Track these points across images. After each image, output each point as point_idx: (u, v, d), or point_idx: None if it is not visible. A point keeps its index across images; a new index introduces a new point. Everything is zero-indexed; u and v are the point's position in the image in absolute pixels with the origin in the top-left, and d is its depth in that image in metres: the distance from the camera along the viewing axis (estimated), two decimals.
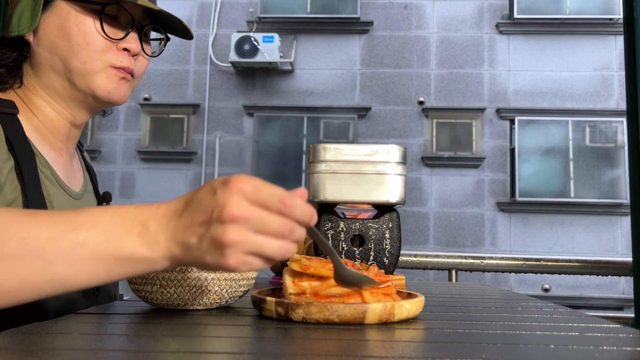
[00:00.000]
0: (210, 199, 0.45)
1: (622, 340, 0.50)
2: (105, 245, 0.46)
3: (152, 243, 0.46)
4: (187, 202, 0.46)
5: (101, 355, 0.42)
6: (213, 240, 0.44)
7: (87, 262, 0.47)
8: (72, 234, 0.46)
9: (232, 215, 0.43)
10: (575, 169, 6.72)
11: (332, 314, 0.54)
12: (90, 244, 0.46)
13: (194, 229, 0.45)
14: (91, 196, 0.86)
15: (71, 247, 0.46)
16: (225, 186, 0.44)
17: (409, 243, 6.56)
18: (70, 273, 0.47)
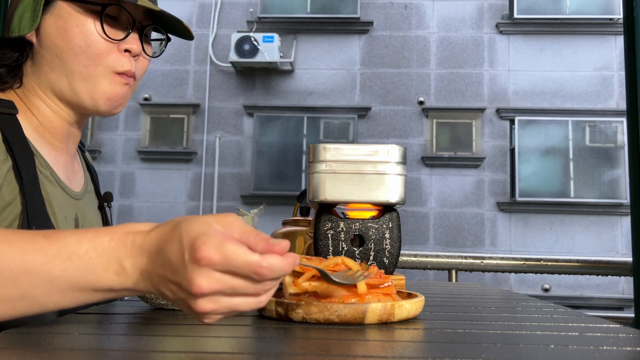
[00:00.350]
0: (179, 265, 0.43)
1: (622, 340, 0.50)
2: (82, 280, 0.46)
3: (129, 280, 0.46)
4: (160, 250, 0.45)
5: (101, 355, 0.42)
6: (187, 305, 0.44)
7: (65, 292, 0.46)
8: (47, 267, 0.46)
9: (201, 291, 0.42)
10: (575, 169, 6.73)
11: (332, 314, 0.54)
12: (67, 277, 0.46)
13: (168, 285, 0.44)
14: (92, 196, 0.86)
15: (48, 279, 0.46)
16: (194, 258, 0.42)
17: (409, 243, 6.56)
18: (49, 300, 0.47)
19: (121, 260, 0.46)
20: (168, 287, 0.44)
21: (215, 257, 0.41)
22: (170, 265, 0.43)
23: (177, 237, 0.43)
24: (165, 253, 0.44)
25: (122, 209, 6.89)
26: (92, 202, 0.86)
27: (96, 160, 6.98)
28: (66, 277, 0.46)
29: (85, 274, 0.46)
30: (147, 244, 0.45)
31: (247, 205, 6.79)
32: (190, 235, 0.43)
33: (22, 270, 0.45)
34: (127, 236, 0.46)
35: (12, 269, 0.45)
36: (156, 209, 6.94)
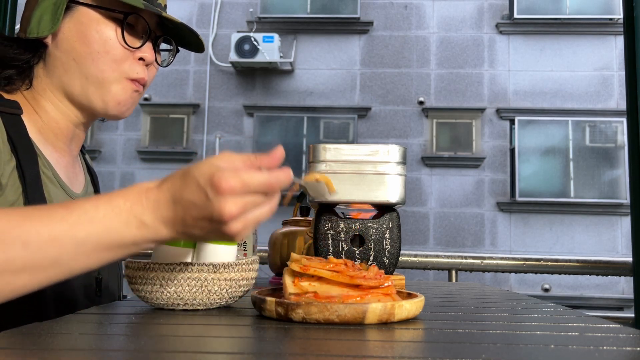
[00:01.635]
0: (204, 202, 0.49)
1: (622, 340, 0.50)
2: (106, 239, 0.50)
3: (151, 232, 0.51)
4: (176, 200, 0.50)
5: (101, 355, 0.42)
6: (220, 232, 0.51)
7: (91, 253, 0.50)
8: (72, 233, 0.49)
9: (232, 215, 0.49)
10: (575, 169, 6.72)
11: (332, 314, 0.54)
12: (91, 239, 0.50)
13: (196, 223, 0.50)
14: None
15: (74, 244, 0.49)
16: (217, 191, 0.48)
17: (409, 243, 6.56)
18: (76, 264, 0.51)
19: (140, 216, 0.50)
20: (197, 226, 0.50)
21: (236, 184, 0.48)
22: (195, 206, 0.49)
23: (193, 182, 0.49)
24: (186, 198, 0.49)
25: None
26: None
27: (96, 160, 6.98)
28: (91, 239, 0.49)
29: (108, 233, 0.50)
30: (163, 197, 0.50)
31: None
32: (205, 176, 0.49)
33: (49, 239, 0.49)
34: (140, 195, 0.51)
35: (39, 239, 0.48)
36: None
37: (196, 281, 0.63)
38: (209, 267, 0.63)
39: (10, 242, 0.48)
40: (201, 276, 0.63)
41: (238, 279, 0.66)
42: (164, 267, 0.63)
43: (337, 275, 0.59)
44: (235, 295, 0.67)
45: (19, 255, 0.48)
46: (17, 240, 0.48)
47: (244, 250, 1.04)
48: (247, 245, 1.05)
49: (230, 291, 0.65)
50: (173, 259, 0.65)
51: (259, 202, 0.51)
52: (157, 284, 0.63)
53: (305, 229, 1.12)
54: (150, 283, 0.63)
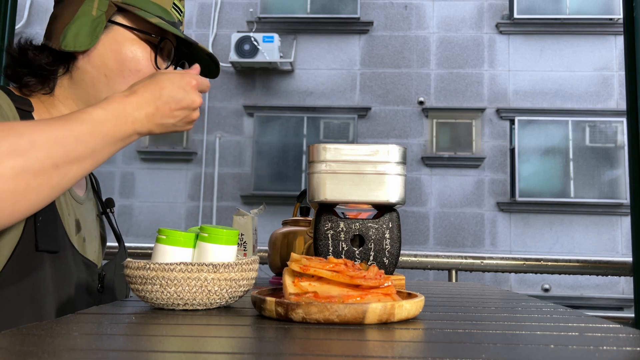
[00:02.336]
0: (183, 95, 0.69)
1: (622, 340, 0.50)
2: (122, 132, 0.65)
3: (139, 126, 0.66)
4: (159, 96, 0.67)
5: (101, 355, 0.42)
6: (188, 119, 0.71)
7: (111, 146, 0.64)
8: (102, 127, 0.62)
9: (198, 103, 0.70)
10: (575, 169, 6.73)
11: (332, 314, 0.54)
12: (114, 132, 0.63)
13: (173, 113, 0.68)
14: (91, 205, 0.87)
15: (103, 135, 0.62)
16: (189, 84, 0.69)
17: (409, 243, 6.56)
18: (102, 154, 0.63)
19: (132, 114, 0.65)
20: (172, 115, 0.68)
21: (197, 81, 0.71)
22: (174, 99, 0.68)
23: (169, 83, 0.68)
24: (166, 95, 0.68)
25: (122, 209, 6.89)
26: (90, 209, 0.87)
27: None
28: (114, 133, 0.64)
29: (118, 129, 0.64)
30: (143, 99, 0.66)
31: (247, 205, 6.78)
32: (177, 78, 0.69)
33: (89, 132, 0.61)
34: (132, 104, 0.66)
35: (83, 134, 0.60)
36: (156, 208, 6.94)
37: (196, 281, 0.63)
38: (209, 267, 0.63)
39: (65, 139, 0.58)
40: (201, 276, 0.63)
41: (238, 279, 0.66)
42: (164, 267, 0.63)
43: (337, 275, 0.59)
44: (235, 295, 0.67)
45: (72, 148, 0.59)
46: (71, 136, 0.59)
47: (244, 250, 1.04)
48: (247, 245, 1.05)
49: (230, 291, 0.65)
50: (173, 259, 0.65)
51: None
52: (157, 284, 0.63)
53: (305, 229, 1.12)
54: (150, 283, 0.63)
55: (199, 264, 0.63)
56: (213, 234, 0.66)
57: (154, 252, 0.67)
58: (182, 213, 6.93)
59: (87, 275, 0.79)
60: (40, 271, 0.70)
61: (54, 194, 0.59)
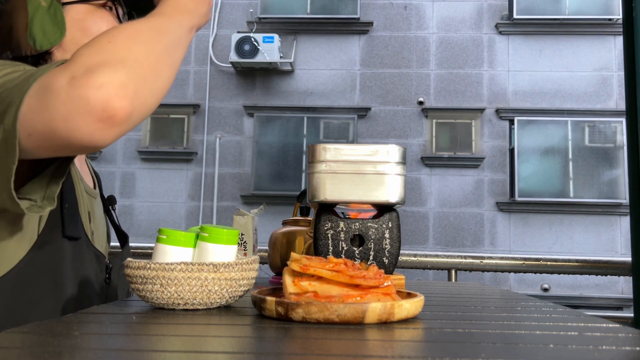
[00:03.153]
0: None
1: (622, 339, 0.50)
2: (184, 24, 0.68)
3: (194, 20, 0.71)
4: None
5: (102, 355, 0.42)
6: (210, 4, 0.74)
7: (188, 35, 0.69)
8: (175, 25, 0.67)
9: None
10: (574, 169, 6.73)
11: (332, 313, 0.55)
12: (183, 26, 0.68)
13: (203, 1, 0.72)
14: (99, 200, 0.88)
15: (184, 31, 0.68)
16: None
17: (409, 243, 6.56)
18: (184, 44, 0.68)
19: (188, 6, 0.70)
20: (205, 2, 0.72)
21: None
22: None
23: None
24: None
25: (123, 209, 6.89)
26: (99, 204, 0.88)
27: (97, 160, 6.98)
28: (184, 22, 0.68)
29: (187, 18, 0.69)
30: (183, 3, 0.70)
31: (247, 205, 6.78)
32: None
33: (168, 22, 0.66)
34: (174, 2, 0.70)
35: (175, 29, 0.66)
36: (156, 208, 6.94)
37: (196, 281, 0.63)
38: (209, 267, 0.63)
39: (157, 26, 0.64)
40: (201, 276, 0.63)
41: (238, 279, 0.66)
42: (164, 267, 0.63)
43: (337, 275, 0.59)
44: (235, 294, 0.67)
45: (166, 31, 0.64)
46: (160, 25, 0.65)
47: (244, 250, 1.04)
48: (247, 245, 1.05)
49: (230, 291, 0.66)
50: (173, 259, 0.65)
51: None
52: (158, 283, 0.63)
53: (305, 229, 1.12)
54: (151, 283, 0.63)
55: (200, 263, 0.63)
56: (213, 234, 0.66)
57: (154, 251, 0.67)
58: (183, 213, 6.93)
59: (97, 267, 0.80)
60: (63, 256, 0.71)
61: (171, 74, 0.64)
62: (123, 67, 0.55)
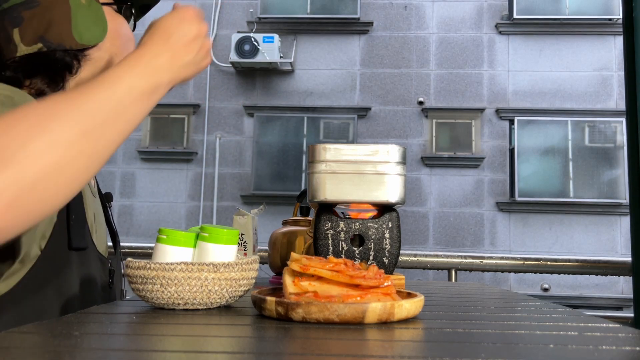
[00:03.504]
0: (188, 26, 0.65)
1: (622, 339, 0.50)
2: (140, 85, 0.59)
3: (165, 76, 0.62)
4: (166, 38, 0.63)
5: (102, 355, 0.42)
6: (204, 48, 0.67)
7: (136, 101, 0.58)
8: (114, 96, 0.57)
9: (205, 29, 0.67)
10: (574, 169, 6.73)
11: (332, 313, 0.55)
12: (131, 92, 0.58)
13: (189, 48, 0.64)
14: (98, 198, 0.88)
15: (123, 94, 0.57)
16: (187, 14, 0.66)
17: (409, 243, 6.56)
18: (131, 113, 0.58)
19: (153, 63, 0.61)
20: (189, 50, 0.64)
21: (196, 12, 0.67)
22: (184, 34, 0.64)
23: (169, 22, 0.64)
24: (176, 32, 0.64)
25: (123, 208, 6.89)
26: (99, 202, 0.88)
27: None
28: (138, 85, 0.58)
29: (147, 78, 0.59)
30: (156, 48, 0.62)
31: (247, 205, 6.78)
32: (176, 14, 0.66)
33: (110, 90, 0.56)
34: (139, 53, 0.61)
35: (104, 92, 0.56)
36: (156, 208, 6.94)
37: (196, 281, 0.63)
38: (209, 267, 0.63)
39: (87, 103, 0.54)
40: (201, 276, 0.63)
41: (238, 279, 0.66)
42: (164, 267, 0.63)
43: (337, 275, 0.59)
44: (235, 294, 0.67)
45: (97, 110, 0.54)
46: (94, 99, 0.54)
47: (244, 250, 1.04)
48: (247, 245, 1.05)
49: (230, 291, 0.66)
50: (173, 259, 0.65)
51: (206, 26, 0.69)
52: (158, 283, 0.63)
53: (305, 229, 1.12)
54: (151, 283, 0.63)
55: (200, 263, 0.63)
56: (213, 234, 0.66)
57: (154, 251, 0.67)
58: (183, 213, 6.93)
59: (101, 271, 0.80)
60: (69, 268, 0.71)
61: (93, 165, 0.54)
62: (6, 168, 0.46)
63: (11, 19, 0.72)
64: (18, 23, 0.72)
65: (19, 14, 0.72)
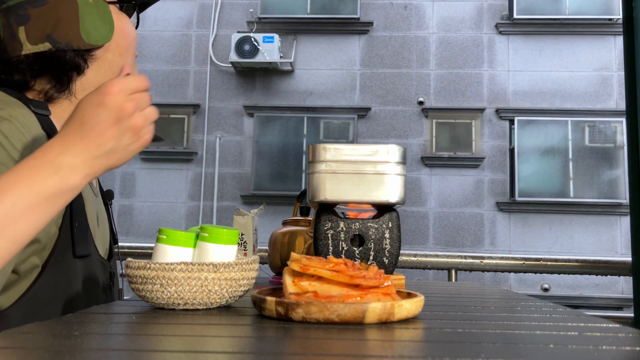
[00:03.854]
0: (104, 109, 0.57)
1: (622, 339, 0.50)
2: (32, 194, 0.53)
3: (74, 174, 0.55)
4: (80, 125, 0.56)
5: (102, 355, 0.42)
6: (130, 130, 0.57)
7: (27, 213, 0.54)
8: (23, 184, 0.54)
9: (131, 106, 0.57)
10: (574, 169, 6.73)
11: (332, 313, 0.55)
12: (20, 201, 0.53)
13: (107, 134, 0.56)
14: (100, 197, 0.88)
15: (5, 211, 0.52)
16: (109, 93, 0.57)
17: (409, 243, 6.56)
18: (19, 229, 0.54)
19: (57, 161, 0.55)
20: (108, 137, 0.56)
21: (122, 84, 0.57)
22: (98, 119, 0.56)
23: (86, 107, 0.57)
24: (88, 117, 0.56)
25: (123, 208, 6.89)
26: (101, 199, 0.88)
27: None
28: (19, 202, 0.53)
29: (31, 189, 0.53)
30: (69, 137, 0.56)
31: (247, 205, 6.78)
32: (92, 97, 0.57)
33: None
34: (47, 148, 0.56)
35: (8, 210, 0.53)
36: (156, 208, 6.94)
37: (196, 281, 0.63)
38: (209, 267, 0.63)
39: None
40: (201, 276, 0.63)
41: (238, 279, 0.66)
42: (164, 267, 0.63)
43: (337, 275, 0.59)
44: (235, 294, 0.67)
45: None
46: None
47: (244, 250, 1.04)
48: (247, 245, 1.05)
49: (230, 291, 0.66)
50: (173, 259, 0.65)
51: (147, 99, 0.59)
52: (158, 283, 0.63)
53: (305, 229, 1.12)
54: (151, 283, 0.63)
55: (200, 263, 0.63)
56: (213, 234, 0.66)
57: (154, 251, 0.67)
58: (183, 213, 6.93)
59: (103, 274, 0.80)
60: (74, 275, 0.71)
61: None
62: None
63: (17, 17, 0.71)
64: (24, 21, 0.71)
65: (26, 12, 0.71)
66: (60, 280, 0.69)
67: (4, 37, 0.72)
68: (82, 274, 0.73)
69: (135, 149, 0.59)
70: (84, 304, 0.73)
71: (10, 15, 0.71)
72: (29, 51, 0.71)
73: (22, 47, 0.71)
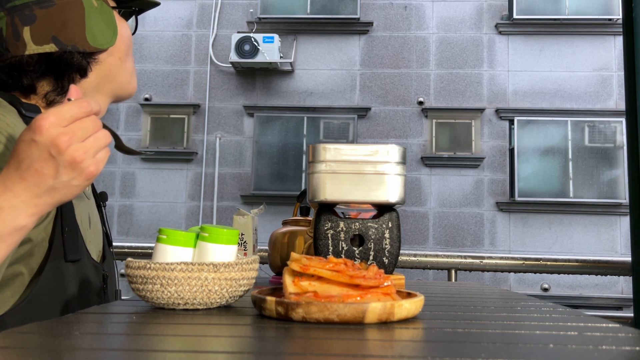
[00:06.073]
0: (36, 146, 0.53)
1: (621, 339, 0.50)
2: None
3: (15, 215, 0.54)
4: (17, 164, 0.54)
5: (102, 355, 0.42)
6: (68, 166, 0.53)
7: None
8: None
9: (65, 142, 0.53)
10: (574, 169, 6.73)
11: (332, 313, 0.55)
12: None
13: (44, 171, 0.53)
14: (91, 196, 0.88)
15: None
16: (39, 129, 0.53)
17: (409, 243, 6.56)
18: None
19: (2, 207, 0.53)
20: (45, 174, 0.53)
21: (52, 118, 0.53)
22: (32, 157, 0.53)
23: (20, 145, 0.54)
24: (23, 156, 0.53)
25: (123, 208, 6.89)
26: (93, 201, 0.87)
27: None
28: None
29: None
30: (6, 182, 0.54)
31: (247, 205, 6.78)
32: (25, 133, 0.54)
33: None
34: None
35: None
36: (157, 208, 6.94)
37: (196, 281, 0.63)
38: (209, 267, 0.63)
39: None
40: (201, 276, 0.63)
41: (238, 279, 0.66)
42: (165, 267, 0.63)
43: (336, 274, 0.59)
44: (235, 294, 0.67)
45: None
46: None
47: (244, 250, 1.04)
48: (247, 245, 1.05)
49: (230, 291, 0.66)
50: (173, 259, 0.65)
51: (89, 127, 0.55)
52: (158, 283, 0.63)
53: (305, 229, 1.12)
54: (151, 282, 0.63)
55: (200, 263, 0.63)
56: (213, 234, 0.66)
57: (154, 251, 0.67)
58: (183, 213, 6.93)
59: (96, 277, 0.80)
60: (68, 279, 0.71)
61: None
62: None
63: (23, 16, 0.71)
64: (30, 21, 0.71)
65: (32, 12, 0.71)
66: (56, 286, 0.69)
67: (6, 36, 0.71)
68: (74, 277, 0.73)
69: (80, 184, 0.55)
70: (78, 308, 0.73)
71: (15, 14, 0.71)
72: (32, 51, 0.71)
73: (26, 47, 0.71)
